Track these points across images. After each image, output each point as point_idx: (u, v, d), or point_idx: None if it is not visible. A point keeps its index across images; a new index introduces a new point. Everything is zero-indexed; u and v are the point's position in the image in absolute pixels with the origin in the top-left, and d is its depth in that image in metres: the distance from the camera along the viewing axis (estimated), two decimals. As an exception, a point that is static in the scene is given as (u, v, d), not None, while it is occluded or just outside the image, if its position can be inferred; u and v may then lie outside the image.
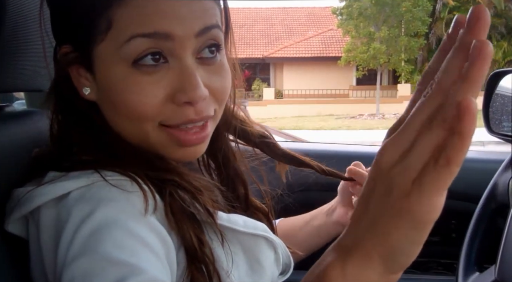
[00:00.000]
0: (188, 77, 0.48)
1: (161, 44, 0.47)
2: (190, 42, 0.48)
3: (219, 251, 0.49)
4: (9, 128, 0.59)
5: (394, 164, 0.30)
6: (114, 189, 0.45)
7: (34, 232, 0.47)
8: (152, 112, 0.48)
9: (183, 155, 0.52)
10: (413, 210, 0.29)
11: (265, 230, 0.55)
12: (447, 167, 0.28)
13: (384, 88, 16.99)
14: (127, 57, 0.47)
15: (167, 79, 0.48)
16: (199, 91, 0.48)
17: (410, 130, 0.30)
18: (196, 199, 0.49)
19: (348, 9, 15.83)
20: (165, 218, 0.47)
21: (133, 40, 0.46)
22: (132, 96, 0.48)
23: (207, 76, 0.50)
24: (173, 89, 0.48)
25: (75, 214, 0.43)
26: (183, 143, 0.50)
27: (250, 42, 17.88)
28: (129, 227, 0.42)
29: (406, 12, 15.20)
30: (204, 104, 0.50)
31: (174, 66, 0.48)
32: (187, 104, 0.49)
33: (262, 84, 17.50)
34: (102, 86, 0.50)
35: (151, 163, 0.51)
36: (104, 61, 0.49)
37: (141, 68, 0.47)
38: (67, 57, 0.51)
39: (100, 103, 0.52)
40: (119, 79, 0.48)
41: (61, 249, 0.42)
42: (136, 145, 0.52)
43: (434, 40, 17.12)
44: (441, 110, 0.28)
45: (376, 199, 0.31)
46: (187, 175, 0.52)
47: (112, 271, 0.39)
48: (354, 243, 0.32)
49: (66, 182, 0.46)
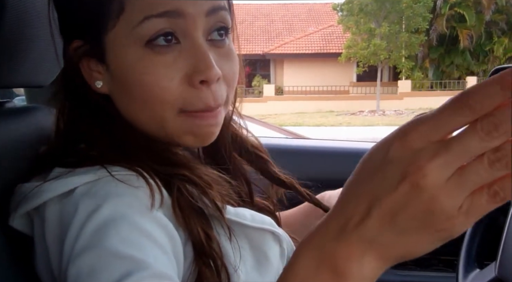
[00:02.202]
0: (202, 56, 0.49)
1: (174, 24, 0.48)
2: (201, 20, 0.49)
3: (227, 246, 0.49)
4: (9, 124, 0.59)
5: (441, 185, 0.29)
6: (120, 184, 0.45)
7: (40, 227, 0.47)
8: (169, 96, 0.49)
9: (197, 140, 0.52)
10: (454, 231, 0.30)
11: (272, 224, 0.56)
12: (497, 200, 0.28)
13: (385, 84, 16.97)
14: (140, 39, 0.47)
15: (181, 61, 0.49)
16: (214, 70, 0.48)
17: (465, 153, 0.28)
18: (205, 194, 0.49)
19: (349, 5, 15.78)
20: (173, 213, 0.47)
21: (146, 21, 0.47)
22: (148, 78, 0.48)
23: (218, 59, 0.50)
24: (189, 70, 0.49)
25: (81, 209, 0.43)
26: (200, 128, 0.51)
27: (250, 38, 17.83)
28: (136, 221, 0.42)
29: (406, 8, 15.16)
30: (218, 87, 0.50)
31: (186, 47, 0.49)
32: (204, 85, 0.49)
33: (263, 80, 17.47)
34: (116, 74, 0.50)
35: (160, 157, 0.51)
36: (117, 47, 0.49)
37: (154, 49, 0.48)
38: (78, 52, 0.51)
39: (113, 94, 0.52)
40: (133, 62, 0.48)
41: (67, 243, 0.42)
42: (151, 134, 0.52)
43: (435, 36, 17.08)
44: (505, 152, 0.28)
45: (410, 213, 0.30)
46: (198, 168, 0.52)
47: (118, 265, 0.39)
48: (374, 241, 0.31)
49: (72, 178, 0.46)
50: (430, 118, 0.29)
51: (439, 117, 0.29)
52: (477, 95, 0.28)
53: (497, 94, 0.27)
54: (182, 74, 0.49)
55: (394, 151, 0.30)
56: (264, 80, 17.60)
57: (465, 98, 0.28)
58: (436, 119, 0.29)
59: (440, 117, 0.29)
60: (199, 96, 0.49)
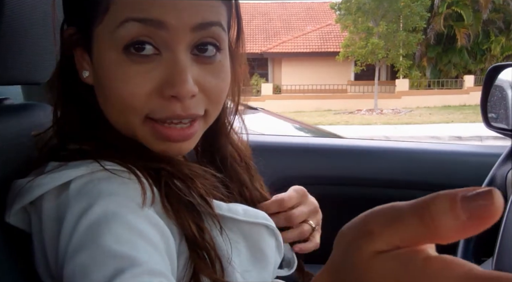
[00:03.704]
0: (178, 71, 0.47)
1: (153, 33, 0.47)
2: (185, 34, 0.48)
3: (219, 239, 0.49)
4: (7, 121, 0.59)
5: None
6: (113, 182, 0.46)
7: (37, 223, 0.47)
8: (138, 104, 0.48)
9: (167, 149, 0.51)
10: None
11: (266, 218, 0.56)
12: None
13: (382, 83, 16.99)
14: (119, 42, 0.47)
15: (157, 72, 0.48)
16: (186, 86, 0.47)
17: None
18: (188, 187, 0.49)
19: (347, 4, 15.78)
20: (163, 209, 0.47)
21: (126, 24, 0.46)
22: (120, 84, 0.48)
23: (202, 75, 0.50)
24: (161, 82, 0.48)
25: (74, 208, 0.43)
26: (168, 137, 0.50)
27: (248, 37, 17.72)
28: (128, 220, 0.43)
29: (404, 7, 15.17)
30: (193, 102, 0.49)
31: (167, 58, 0.48)
32: (174, 99, 0.48)
33: (260, 79, 17.47)
34: (96, 70, 0.51)
35: (143, 152, 0.51)
36: (99, 44, 0.49)
37: (131, 57, 0.47)
38: (71, 39, 0.52)
39: (95, 89, 0.52)
40: (109, 65, 0.48)
41: (62, 243, 0.42)
42: (126, 134, 0.52)
43: (432, 35, 17.11)
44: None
45: None
46: (178, 163, 0.52)
47: (111, 263, 0.39)
48: None
49: (65, 171, 0.46)
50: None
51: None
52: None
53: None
54: (155, 85, 0.48)
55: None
56: (262, 79, 17.60)
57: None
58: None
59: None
60: (166, 106, 0.49)
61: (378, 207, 0.22)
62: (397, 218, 0.21)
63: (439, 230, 0.20)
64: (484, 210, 0.19)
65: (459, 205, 0.20)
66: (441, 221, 0.20)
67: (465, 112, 12.36)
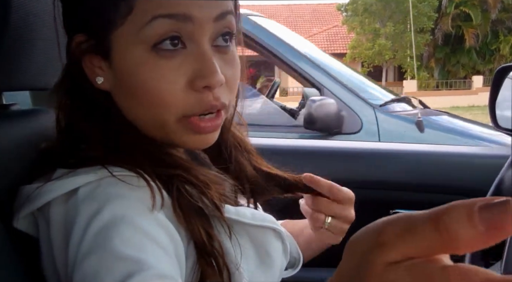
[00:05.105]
0: (207, 62, 0.49)
1: (181, 27, 0.48)
2: (209, 26, 0.49)
3: (228, 244, 0.49)
4: (15, 126, 0.59)
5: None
6: (121, 186, 0.46)
7: (45, 229, 0.47)
8: (173, 100, 0.49)
9: (197, 142, 0.52)
10: None
11: (273, 222, 0.56)
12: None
13: (390, 84, 16.89)
14: (147, 40, 0.47)
15: (186, 65, 0.49)
16: (217, 76, 0.48)
17: None
18: (203, 193, 0.49)
19: (353, 6, 15.77)
20: (173, 213, 0.47)
21: (154, 21, 0.47)
22: (152, 82, 0.48)
23: (222, 65, 0.50)
24: (192, 75, 0.49)
25: (83, 213, 0.43)
26: (201, 130, 0.50)
27: (255, 39, 17.80)
28: (137, 223, 0.43)
29: (412, 8, 15.11)
30: (220, 91, 0.50)
31: (192, 51, 0.49)
32: (206, 90, 0.49)
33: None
34: (119, 73, 0.50)
35: (157, 159, 0.51)
36: (123, 46, 0.49)
37: (160, 53, 0.48)
38: (81, 47, 0.51)
39: (114, 92, 0.52)
40: (138, 64, 0.48)
41: (71, 248, 0.42)
42: (150, 134, 0.52)
43: (440, 35, 17.01)
44: None
45: None
46: (194, 169, 0.52)
47: (120, 266, 0.39)
48: None
49: (74, 178, 0.46)
50: None
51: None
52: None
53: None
54: (187, 79, 0.49)
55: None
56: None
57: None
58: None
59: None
60: (201, 99, 0.49)
61: (392, 217, 0.22)
62: (411, 229, 0.21)
63: (456, 241, 0.19)
64: (502, 220, 0.19)
65: (477, 215, 0.19)
66: (457, 231, 0.19)
67: (473, 113, 12.26)
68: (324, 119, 1.76)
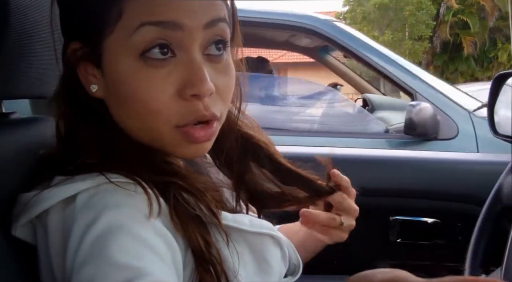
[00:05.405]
0: (196, 70, 0.48)
1: (170, 35, 0.47)
2: (199, 33, 0.48)
3: (225, 252, 0.49)
4: (14, 135, 0.59)
5: None
6: (119, 194, 0.46)
7: (43, 236, 0.47)
8: (162, 109, 0.48)
9: (192, 152, 0.52)
10: None
11: (271, 228, 0.56)
12: None
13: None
14: (135, 48, 0.47)
15: (175, 74, 0.48)
16: (206, 84, 0.48)
17: None
18: (200, 201, 0.49)
19: (352, 14, 15.87)
20: (171, 221, 0.47)
21: (141, 28, 0.46)
22: (141, 91, 0.48)
23: (213, 74, 0.50)
24: (181, 84, 0.48)
25: (80, 221, 0.43)
26: (195, 140, 0.50)
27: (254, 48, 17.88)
28: (134, 231, 0.43)
29: (409, 16, 15.21)
30: (211, 101, 0.50)
31: (182, 60, 0.48)
32: (195, 99, 0.48)
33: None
34: (111, 82, 0.50)
35: (155, 165, 0.51)
36: (113, 54, 0.49)
37: (148, 62, 0.47)
38: (76, 54, 0.51)
39: (108, 101, 0.52)
40: (127, 73, 0.48)
41: (69, 257, 0.42)
42: (144, 143, 0.51)
43: (438, 43, 17.08)
44: None
45: None
46: (190, 177, 0.52)
47: (117, 274, 0.39)
48: None
49: (71, 185, 0.46)
50: None
51: None
52: None
53: None
54: (176, 87, 0.48)
55: None
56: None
57: None
58: None
59: None
60: (190, 108, 0.49)
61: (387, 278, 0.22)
62: None
63: None
64: None
65: None
66: None
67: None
68: (423, 125, 1.64)
